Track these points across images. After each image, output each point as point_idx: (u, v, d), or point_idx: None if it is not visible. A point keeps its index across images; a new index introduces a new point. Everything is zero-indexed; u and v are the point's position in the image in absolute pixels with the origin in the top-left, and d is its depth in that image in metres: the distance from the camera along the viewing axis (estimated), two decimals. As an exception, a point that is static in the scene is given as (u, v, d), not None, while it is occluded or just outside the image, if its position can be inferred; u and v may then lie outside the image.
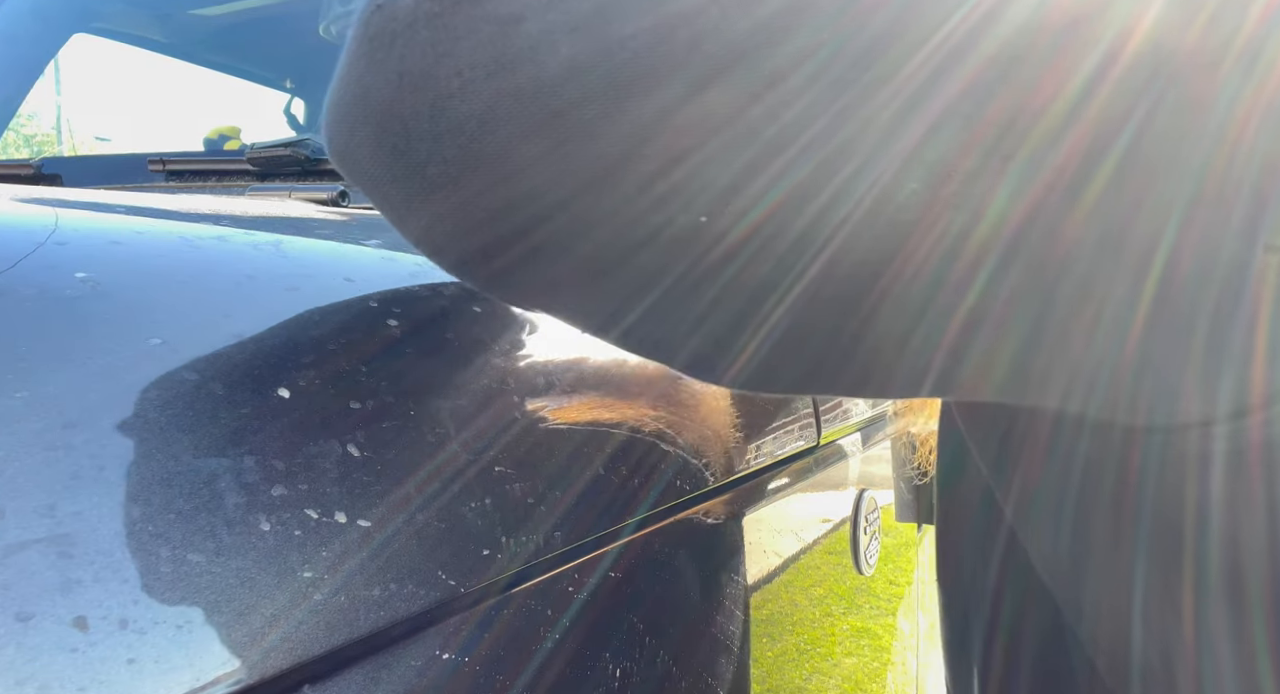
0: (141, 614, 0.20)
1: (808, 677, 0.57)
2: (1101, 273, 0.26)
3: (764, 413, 0.53)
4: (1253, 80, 0.26)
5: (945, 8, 0.22)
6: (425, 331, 0.34)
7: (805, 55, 0.22)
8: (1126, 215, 0.26)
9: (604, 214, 0.23)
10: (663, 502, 0.41)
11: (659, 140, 0.22)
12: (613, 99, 0.22)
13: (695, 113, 0.22)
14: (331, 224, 0.42)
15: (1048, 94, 0.23)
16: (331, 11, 1.28)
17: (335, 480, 0.26)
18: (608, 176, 0.22)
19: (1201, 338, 0.27)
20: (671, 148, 0.22)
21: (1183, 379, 0.28)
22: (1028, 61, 0.23)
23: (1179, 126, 0.27)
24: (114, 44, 1.47)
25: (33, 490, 0.20)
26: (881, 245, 0.23)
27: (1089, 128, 0.25)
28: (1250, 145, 0.27)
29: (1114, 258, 0.26)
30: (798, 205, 0.23)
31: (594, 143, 0.22)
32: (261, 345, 0.28)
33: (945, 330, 0.25)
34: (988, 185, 0.23)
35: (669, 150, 0.22)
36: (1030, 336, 0.26)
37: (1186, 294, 0.27)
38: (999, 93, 0.23)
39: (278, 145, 0.84)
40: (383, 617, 0.26)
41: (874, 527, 0.72)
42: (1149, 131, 0.26)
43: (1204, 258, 0.27)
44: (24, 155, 2.22)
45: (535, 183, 0.23)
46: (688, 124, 0.22)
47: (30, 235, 0.29)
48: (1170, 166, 0.27)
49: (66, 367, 0.23)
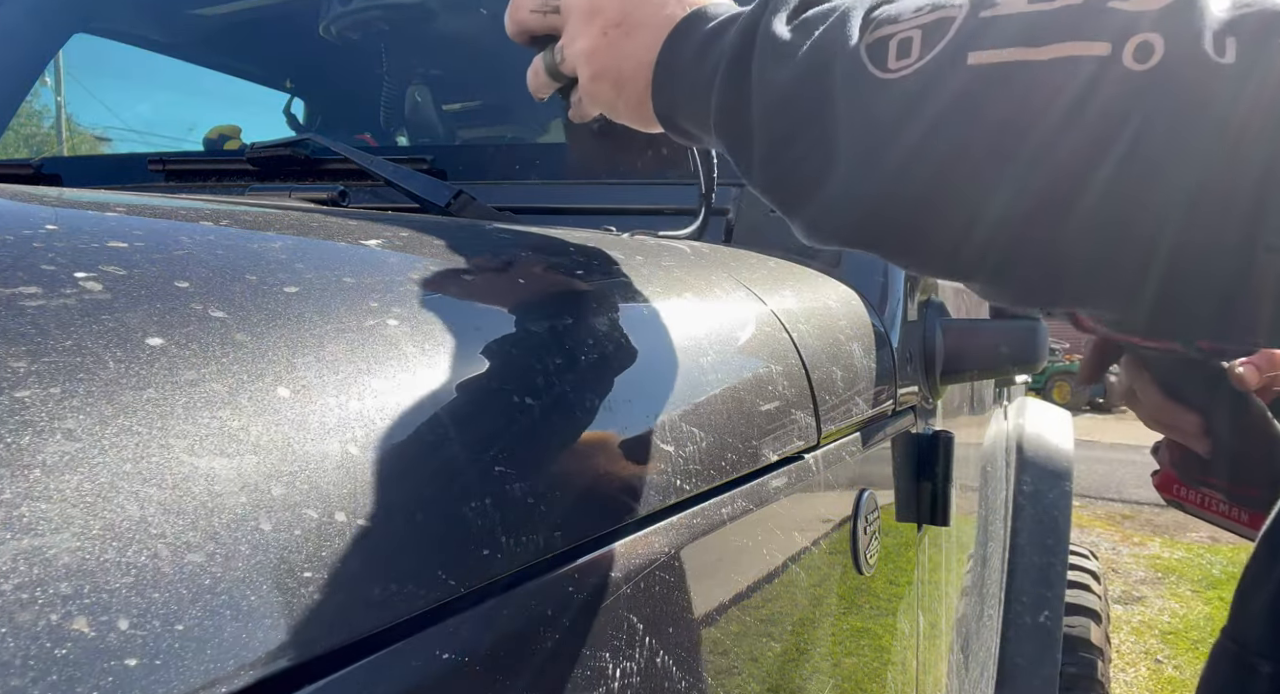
0: (141, 614, 0.20)
1: (808, 677, 0.57)
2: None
3: (764, 412, 0.53)
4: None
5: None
6: (425, 331, 0.34)
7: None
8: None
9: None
10: (663, 501, 0.41)
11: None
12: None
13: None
14: (331, 224, 0.42)
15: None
16: (331, 11, 1.28)
17: (335, 480, 0.26)
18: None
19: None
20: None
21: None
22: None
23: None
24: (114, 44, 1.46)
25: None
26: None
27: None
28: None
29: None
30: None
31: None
32: (261, 345, 0.28)
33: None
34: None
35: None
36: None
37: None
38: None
39: (278, 145, 0.84)
40: (383, 617, 0.26)
41: (874, 527, 0.72)
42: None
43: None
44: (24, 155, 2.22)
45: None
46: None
47: (30, 235, 0.29)
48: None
49: (64, 366, 0.23)
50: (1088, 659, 2.09)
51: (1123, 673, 3.34)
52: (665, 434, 0.43)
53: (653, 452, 0.41)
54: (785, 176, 0.44)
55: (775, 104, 0.42)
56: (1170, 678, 3.32)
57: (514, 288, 0.41)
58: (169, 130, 1.54)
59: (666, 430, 0.43)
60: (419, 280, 0.37)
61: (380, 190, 0.78)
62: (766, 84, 0.42)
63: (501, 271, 0.42)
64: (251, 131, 1.20)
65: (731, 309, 0.56)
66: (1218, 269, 0.33)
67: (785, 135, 0.42)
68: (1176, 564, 4.76)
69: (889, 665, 0.79)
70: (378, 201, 0.78)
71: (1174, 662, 3.47)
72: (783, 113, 0.42)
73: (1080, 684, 2.03)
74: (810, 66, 0.41)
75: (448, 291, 0.37)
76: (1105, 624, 2.30)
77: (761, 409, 0.53)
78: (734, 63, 0.45)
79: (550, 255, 0.48)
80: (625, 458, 0.39)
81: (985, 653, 1.58)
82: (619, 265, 0.51)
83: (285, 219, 0.41)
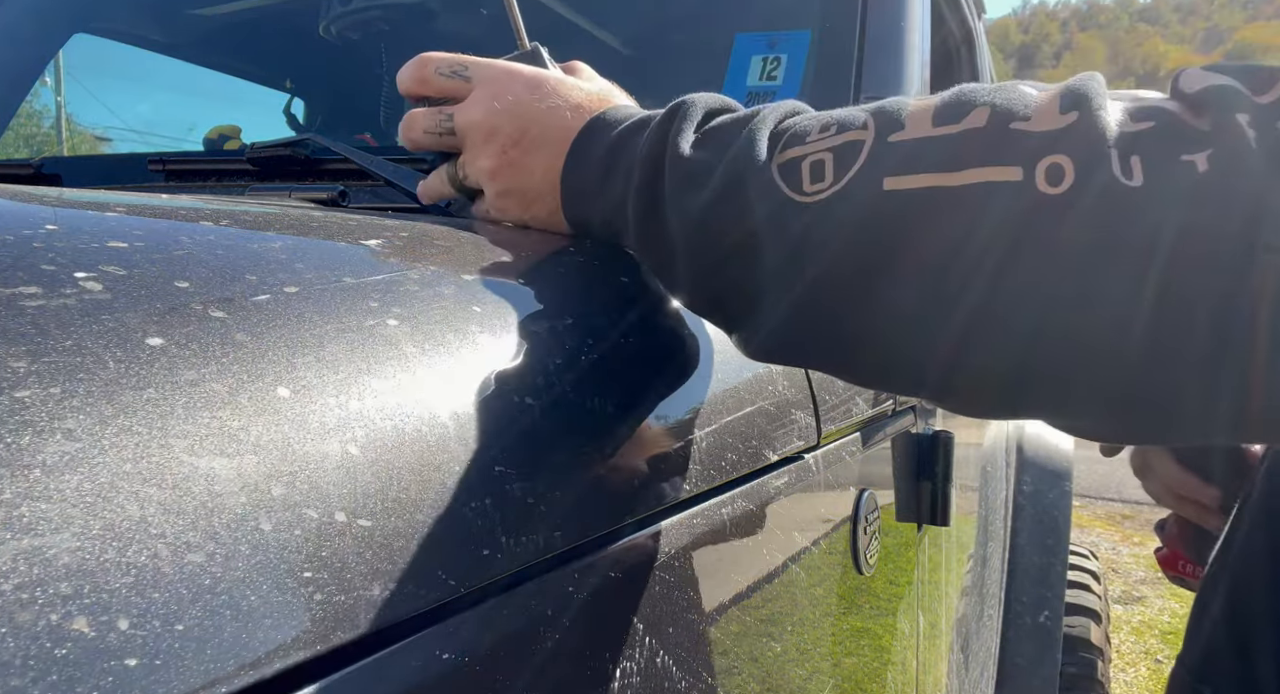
0: (141, 614, 0.20)
1: (808, 677, 0.57)
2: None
3: (764, 412, 0.53)
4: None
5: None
6: (425, 331, 0.34)
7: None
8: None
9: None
10: (663, 502, 0.41)
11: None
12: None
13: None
14: (331, 224, 0.42)
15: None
16: (331, 11, 1.28)
17: (335, 480, 0.26)
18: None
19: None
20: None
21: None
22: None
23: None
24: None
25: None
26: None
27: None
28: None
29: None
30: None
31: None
32: (261, 345, 0.28)
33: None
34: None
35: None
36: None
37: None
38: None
39: (278, 145, 0.84)
40: (383, 617, 0.26)
41: (874, 527, 0.72)
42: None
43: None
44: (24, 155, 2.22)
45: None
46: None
47: (30, 235, 0.29)
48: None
49: (64, 366, 0.23)
50: (1088, 659, 2.09)
51: (1123, 673, 3.34)
52: (665, 434, 0.43)
53: (653, 452, 0.41)
54: (716, 300, 0.44)
55: (694, 231, 0.42)
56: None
57: (514, 288, 0.41)
58: (169, 130, 1.54)
59: (667, 430, 0.43)
60: (419, 280, 0.37)
61: (380, 190, 0.78)
62: (683, 211, 0.42)
63: (501, 272, 0.42)
64: (251, 131, 1.20)
65: (731, 309, 0.56)
66: (1157, 380, 0.33)
67: (711, 263, 0.42)
68: (1176, 564, 4.75)
69: (889, 665, 0.79)
70: (378, 201, 0.78)
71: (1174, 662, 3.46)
72: (704, 240, 0.42)
73: (1080, 684, 2.03)
74: (725, 191, 0.40)
75: (448, 291, 0.37)
76: (1105, 624, 2.30)
77: (761, 409, 0.53)
78: (644, 187, 0.44)
79: (550, 255, 0.48)
80: (625, 458, 0.39)
81: (985, 653, 1.58)
82: (619, 265, 0.51)
83: (285, 219, 0.41)
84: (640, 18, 1.24)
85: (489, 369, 0.34)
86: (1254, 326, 0.30)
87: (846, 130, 0.38)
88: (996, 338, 0.35)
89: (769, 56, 1.00)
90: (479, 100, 0.53)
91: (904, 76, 0.95)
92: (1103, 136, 0.32)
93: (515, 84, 0.53)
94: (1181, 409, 0.33)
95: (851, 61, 0.95)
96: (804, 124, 0.40)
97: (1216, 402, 0.32)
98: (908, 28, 0.98)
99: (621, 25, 1.23)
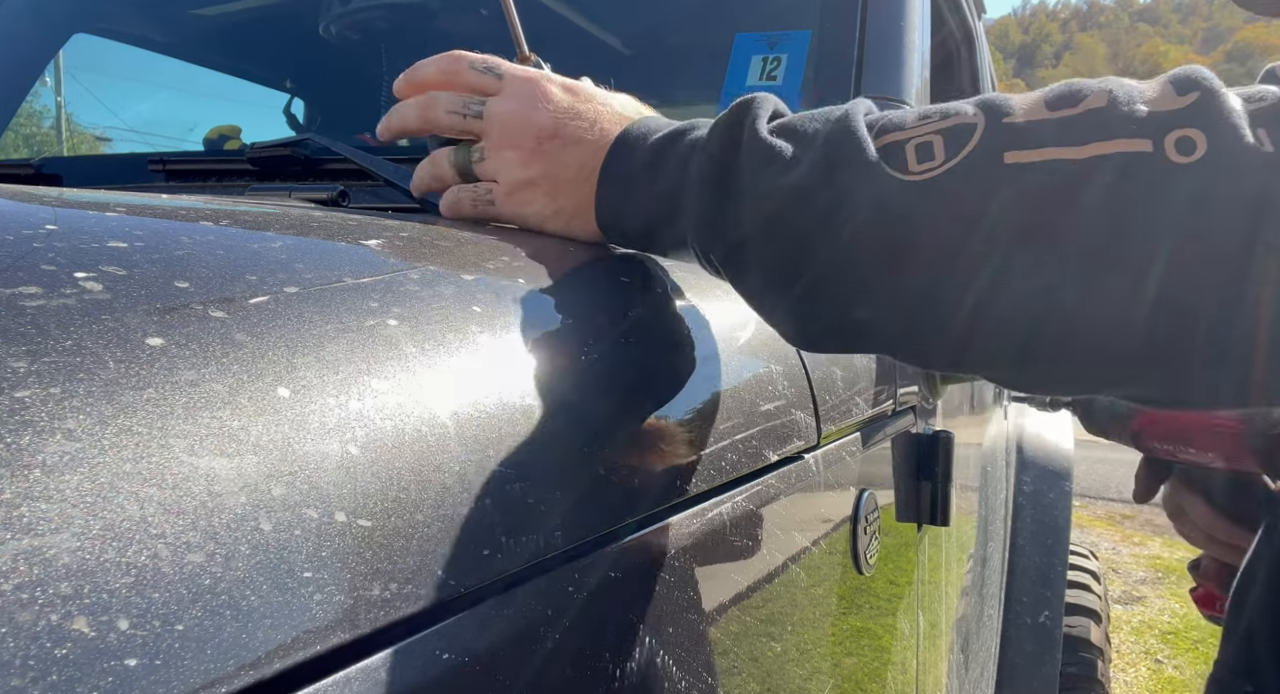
0: (141, 614, 0.20)
1: (808, 677, 0.57)
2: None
3: (764, 412, 0.53)
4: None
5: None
6: (425, 331, 0.34)
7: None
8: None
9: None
10: (663, 502, 0.41)
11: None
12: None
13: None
14: (331, 224, 0.42)
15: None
16: (331, 11, 1.28)
17: (335, 480, 0.26)
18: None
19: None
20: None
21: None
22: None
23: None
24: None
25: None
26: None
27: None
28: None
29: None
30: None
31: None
32: (261, 345, 0.28)
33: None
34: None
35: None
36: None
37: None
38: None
39: (278, 145, 0.84)
40: (383, 617, 0.26)
41: (874, 527, 0.72)
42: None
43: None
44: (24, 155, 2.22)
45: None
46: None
47: (30, 235, 0.29)
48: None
49: (64, 366, 0.23)
50: (1088, 659, 2.09)
51: (1123, 673, 3.34)
52: (665, 434, 0.43)
53: (653, 452, 0.41)
54: (789, 282, 0.42)
55: (777, 213, 0.41)
56: (1170, 678, 3.32)
57: (514, 288, 0.41)
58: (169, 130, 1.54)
59: (667, 430, 0.43)
60: (419, 280, 0.37)
61: (380, 190, 0.78)
62: (765, 194, 0.41)
63: (501, 272, 0.42)
64: (251, 131, 1.20)
65: (731, 309, 0.56)
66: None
67: (793, 245, 0.41)
68: (1177, 564, 4.76)
69: (889, 665, 0.79)
70: (378, 201, 0.78)
71: (1174, 662, 3.46)
72: (787, 222, 0.41)
73: (1080, 684, 2.03)
74: (816, 173, 0.40)
75: (448, 291, 0.37)
76: (1105, 624, 2.30)
77: (761, 409, 0.53)
78: (715, 172, 0.44)
79: (549, 256, 0.48)
80: (625, 458, 0.39)
81: (985, 653, 1.58)
82: (618, 266, 0.51)
83: (285, 219, 0.41)
84: (640, 18, 1.24)
85: (489, 369, 0.34)
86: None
87: (952, 117, 0.39)
88: (1125, 299, 0.35)
89: (769, 56, 1.00)
90: (516, 94, 0.54)
91: (904, 76, 0.95)
92: (1231, 110, 0.34)
93: (551, 85, 0.53)
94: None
95: (851, 61, 0.95)
96: (895, 116, 0.41)
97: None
98: (908, 28, 0.99)
99: (621, 25, 1.23)
